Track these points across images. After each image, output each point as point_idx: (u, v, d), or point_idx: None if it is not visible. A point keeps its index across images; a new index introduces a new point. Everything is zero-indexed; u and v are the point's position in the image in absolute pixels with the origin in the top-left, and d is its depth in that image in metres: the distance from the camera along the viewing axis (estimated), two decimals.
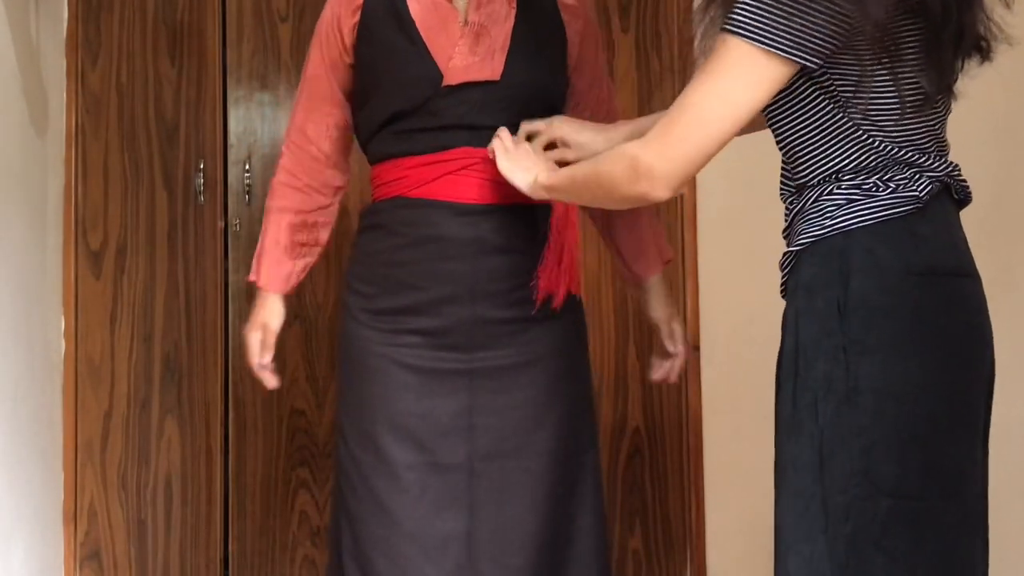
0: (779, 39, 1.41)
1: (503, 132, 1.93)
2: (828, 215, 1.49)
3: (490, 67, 1.96)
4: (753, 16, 1.41)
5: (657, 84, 3.31)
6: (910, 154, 1.50)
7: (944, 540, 1.46)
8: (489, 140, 1.95)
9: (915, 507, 1.43)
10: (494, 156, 1.92)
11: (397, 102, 1.98)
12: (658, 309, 2.21)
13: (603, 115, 2.14)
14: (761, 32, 1.41)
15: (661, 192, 1.52)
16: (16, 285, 2.84)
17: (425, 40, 1.96)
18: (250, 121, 3.28)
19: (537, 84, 2.01)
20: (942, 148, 1.56)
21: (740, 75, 1.44)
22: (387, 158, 2.03)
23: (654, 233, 2.21)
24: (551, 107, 2.04)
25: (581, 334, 2.11)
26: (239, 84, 3.28)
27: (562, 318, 2.03)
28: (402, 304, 1.98)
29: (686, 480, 3.28)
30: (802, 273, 1.50)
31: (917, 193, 1.48)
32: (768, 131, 1.69)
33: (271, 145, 3.27)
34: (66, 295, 3.20)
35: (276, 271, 2.14)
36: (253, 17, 3.28)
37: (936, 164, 1.52)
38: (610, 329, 3.26)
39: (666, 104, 3.31)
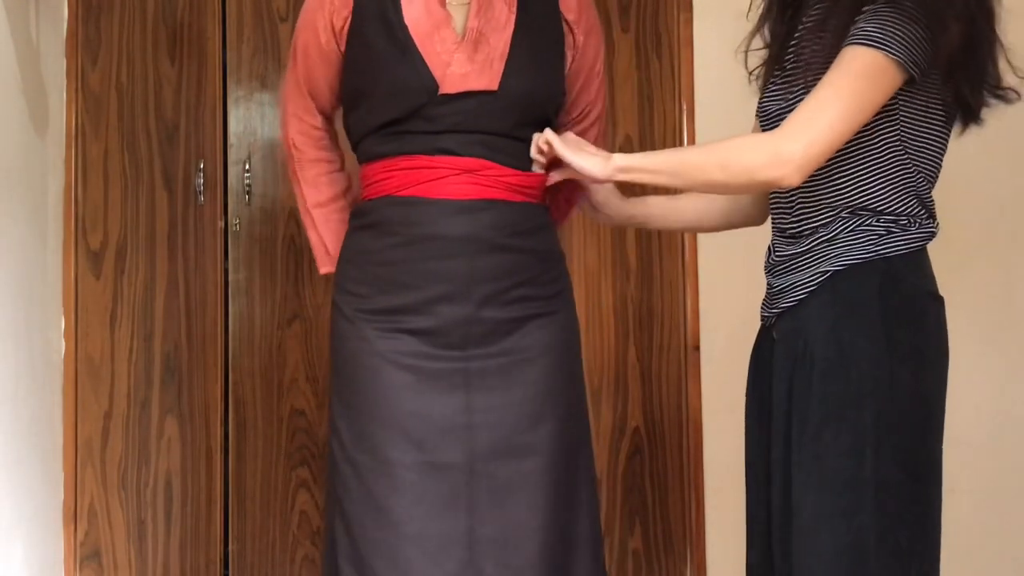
0: (901, 50, 1.66)
1: (547, 131, 1.94)
2: (871, 243, 1.74)
3: (488, 76, 1.94)
4: (884, 30, 1.66)
5: (657, 84, 3.31)
6: (928, 194, 1.78)
7: (936, 520, 1.76)
8: (484, 147, 1.94)
9: (925, 490, 1.73)
10: (548, 149, 1.92)
11: (390, 110, 1.96)
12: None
13: (593, 133, 2.14)
14: (890, 43, 1.66)
15: (796, 179, 1.70)
16: (16, 285, 2.84)
17: (419, 47, 1.93)
18: (250, 121, 3.28)
19: (534, 94, 1.99)
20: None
21: (873, 83, 1.66)
22: (379, 157, 2.00)
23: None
24: (546, 117, 2.02)
25: (575, 331, 2.10)
26: (239, 84, 3.28)
27: (559, 314, 2.03)
28: (397, 304, 1.96)
29: (686, 480, 3.27)
30: (839, 288, 1.74)
31: (932, 229, 1.79)
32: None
33: (271, 145, 3.27)
34: (66, 295, 3.20)
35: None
36: (253, 17, 3.28)
37: (933, 204, 1.80)
38: (610, 329, 3.26)
39: (665, 105, 3.33)
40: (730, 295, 3.17)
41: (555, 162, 1.96)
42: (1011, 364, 3.14)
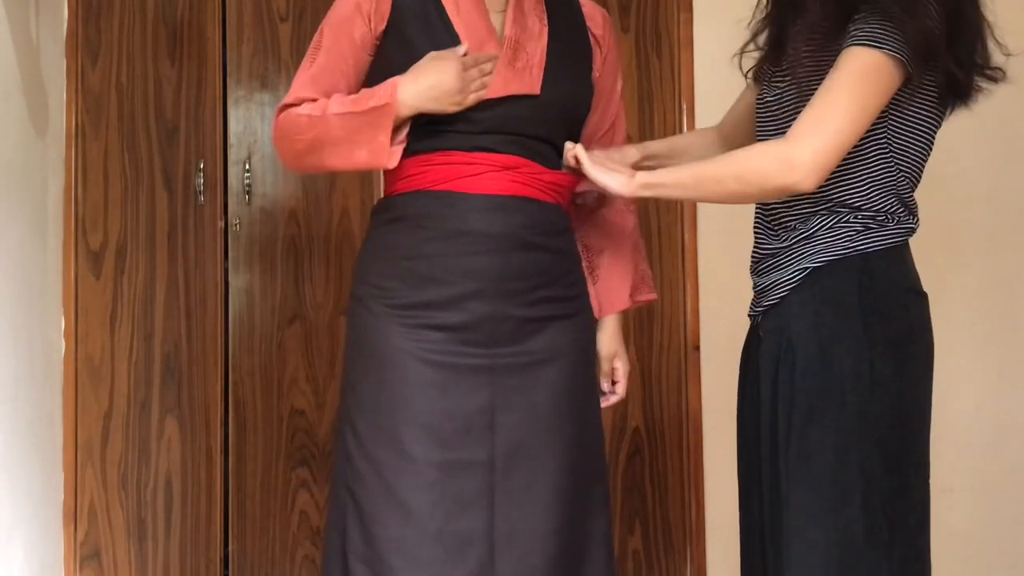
0: (900, 47, 1.69)
1: (577, 147, 1.96)
2: (848, 239, 1.77)
3: (529, 81, 1.97)
4: (882, 30, 1.70)
5: (657, 84, 3.31)
6: (908, 195, 1.81)
7: (921, 513, 1.78)
8: (522, 147, 1.96)
9: (908, 483, 1.75)
10: (576, 163, 1.95)
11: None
12: (604, 344, 2.17)
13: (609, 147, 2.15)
14: (889, 42, 1.69)
15: (810, 183, 1.73)
16: (16, 285, 2.84)
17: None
18: (250, 121, 3.28)
19: (571, 100, 2.03)
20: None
21: (876, 81, 1.70)
22: (413, 153, 1.98)
23: (636, 268, 2.20)
24: (578, 122, 2.06)
25: (592, 334, 2.12)
26: (239, 84, 3.28)
27: (579, 316, 2.04)
28: (426, 299, 1.95)
29: (686, 480, 3.28)
30: (819, 285, 1.77)
31: (912, 226, 1.81)
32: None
33: (271, 145, 3.27)
34: (66, 295, 3.20)
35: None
36: (253, 17, 3.28)
37: (915, 203, 1.83)
38: None
39: (665, 105, 3.33)
40: (730, 295, 3.16)
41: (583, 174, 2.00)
42: (1011, 364, 3.14)
